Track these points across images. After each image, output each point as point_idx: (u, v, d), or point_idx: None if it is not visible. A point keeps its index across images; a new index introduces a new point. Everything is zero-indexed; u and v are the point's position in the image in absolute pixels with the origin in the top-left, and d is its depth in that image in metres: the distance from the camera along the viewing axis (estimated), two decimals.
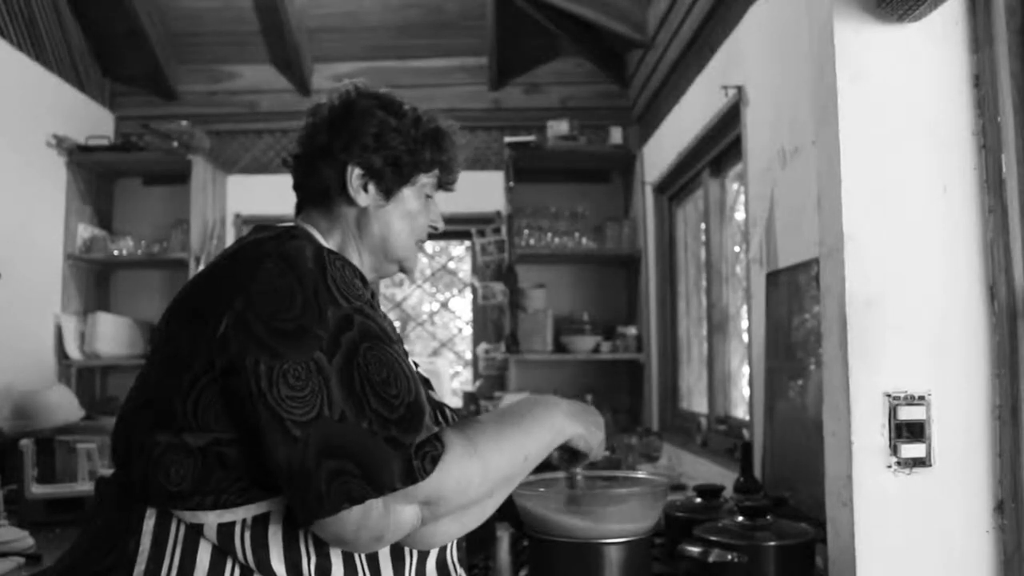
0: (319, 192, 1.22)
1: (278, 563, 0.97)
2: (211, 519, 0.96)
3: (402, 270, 1.28)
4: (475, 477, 0.99)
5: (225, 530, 0.96)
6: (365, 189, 1.20)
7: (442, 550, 1.11)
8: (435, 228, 1.30)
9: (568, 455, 1.23)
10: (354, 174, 1.19)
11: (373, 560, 1.03)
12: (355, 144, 1.19)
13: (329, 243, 1.19)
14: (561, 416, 1.15)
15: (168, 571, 0.96)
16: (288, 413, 0.91)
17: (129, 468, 1.01)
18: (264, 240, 1.04)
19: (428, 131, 1.25)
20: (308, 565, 0.98)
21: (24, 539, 2.00)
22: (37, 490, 2.35)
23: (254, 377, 0.92)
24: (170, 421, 0.97)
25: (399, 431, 0.93)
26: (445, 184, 1.31)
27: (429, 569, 1.10)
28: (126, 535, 0.98)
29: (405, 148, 1.21)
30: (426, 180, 1.26)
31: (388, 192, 1.22)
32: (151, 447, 0.97)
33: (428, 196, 1.28)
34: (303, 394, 0.92)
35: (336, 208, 1.22)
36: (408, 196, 1.24)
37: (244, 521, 0.97)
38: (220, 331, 0.95)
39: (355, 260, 1.21)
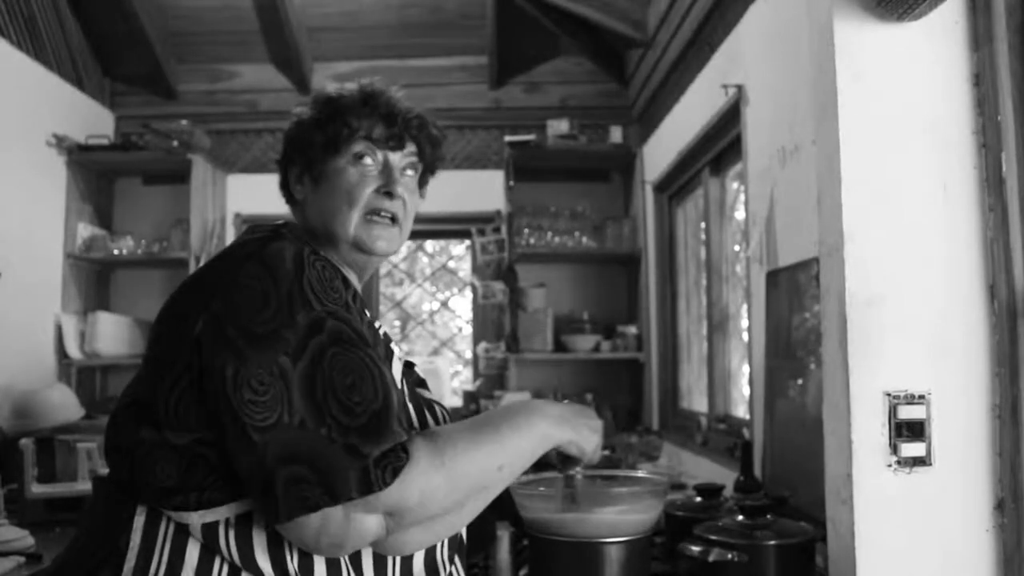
0: (287, 198, 1.25)
1: (264, 561, 0.98)
2: (195, 519, 0.97)
3: (362, 249, 1.16)
4: (440, 488, 0.97)
5: (210, 530, 0.97)
6: (302, 183, 1.20)
7: (430, 549, 1.11)
8: (389, 193, 1.16)
9: (562, 458, 1.21)
10: (293, 175, 1.21)
11: (356, 557, 1.03)
12: (284, 147, 1.23)
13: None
14: (547, 423, 1.11)
15: (157, 568, 0.97)
16: (249, 418, 0.91)
17: (119, 466, 1.02)
18: (249, 241, 1.05)
19: (345, 102, 1.18)
20: (292, 562, 0.99)
21: (24, 538, 2.00)
22: (37, 489, 2.35)
23: (220, 380, 0.93)
24: (154, 420, 0.98)
25: (359, 439, 0.92)
26: (386, 141, 1.18)
27: (416, 568, 1.09)
28: (117, 532, 0.99)
29: (311, 128, 1.18)
30: (358, 147, 1.16)
31: (316, 177, 1.17)
32: (137, 444, 0.98)
33: (365, 162, 1.16)
34: (265, 399, 0.92)
35: (299, 214, 1.22)
36: (336, 171, 1.16)
37: (228, 520, 0.97)
38: (196, 332, 0.96)
39: (331, 257, 1.17)
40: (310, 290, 0.98)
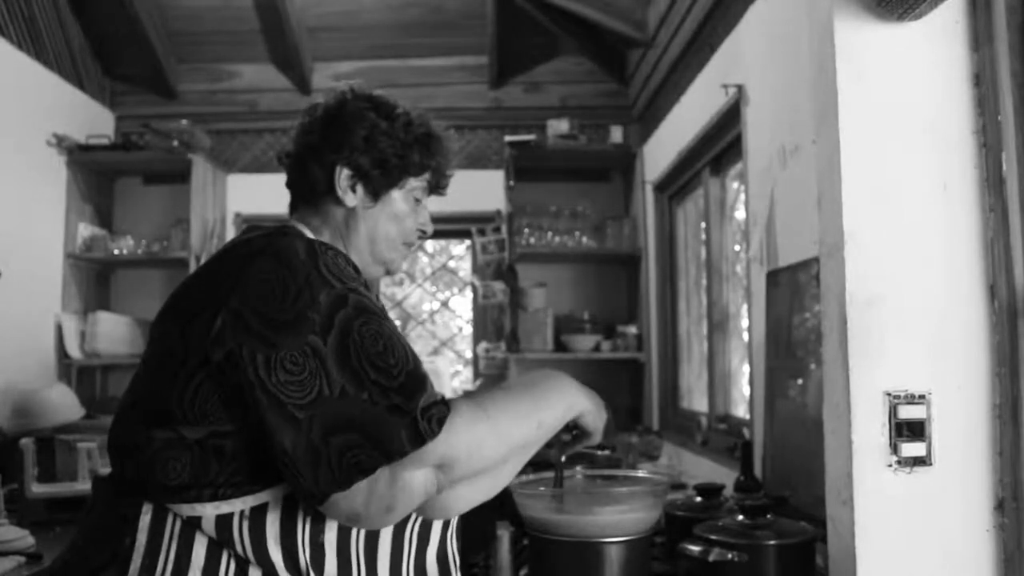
0: (309, 191, 1.24)
1: (275, 553, 0.98)
2: (209, 511, 0.97)
3: (387, 272, 1.29)
4: (487, 438, 0.99)
5: (223, 522, 0.97)
6: (353, 190, 1.22)
7: (443, 542, 1.12)
8: (424, 232, 1.31)
9: (573, 434, 1.23)
10: (342, 175, 1.21)
11: (371, 550, 1.03)
12: (344, 145, 1.21)
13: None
14: (573, 390, 1.16)
15: (164, 566, 0.97)
16: (289, 397, 0.92)
17: (125, 466, 1.01)
18: (255, 239, 1.06)
19: (419, 135, 1.25)
20: (304, 554, 0.99)
21: (24, 538, 2.00)
22: (37, 489, 2.35)
23: (252, 367, 0.93)
24: (166, 417, 0.98)
25: (401, 398, 0.94)
26: (437, 188, 1.31)
27: (429, 561, 1.10)
28: (122, 532, 0.99)
29: (393, 151, 1.23)
30: (416, 183, 1.27)
31: (376, 194, 1.23)
32: (147, 443, 0.98)
33: (417, 200, 1.29)
34: (301, 378, 0.93)
35: (325, 207, 1.24)
36: (396, 199, 1.25)
37: (242, 512, 0.98)
38: (216, 328, 0.96)
39: None
40: (328, 272, 1.00)
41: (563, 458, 1.36)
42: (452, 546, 1.14)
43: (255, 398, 0.93)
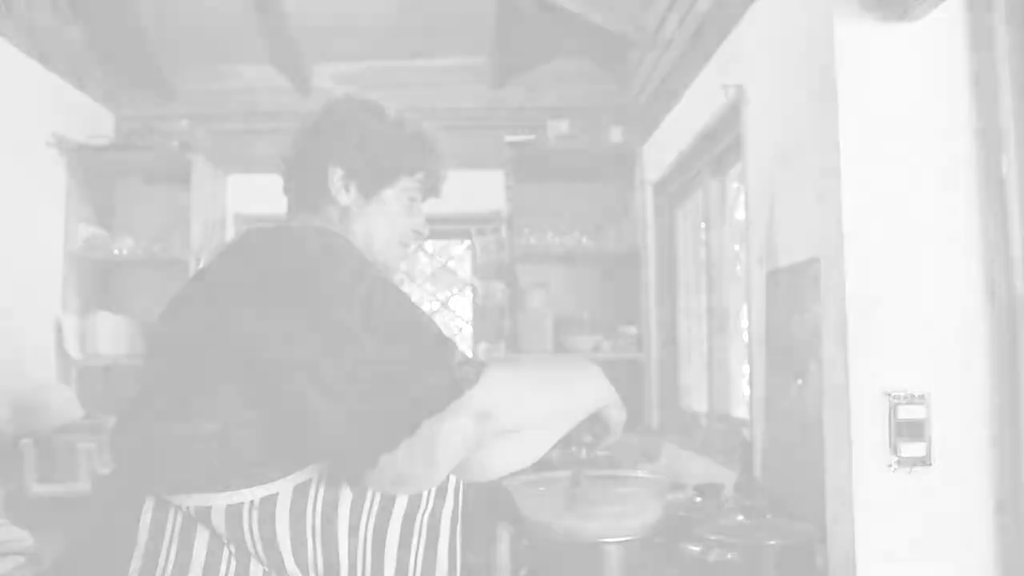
0: (304, 194, 1.27)
1: (284, 543, 0.98)
2: (220, 501, 0.97)
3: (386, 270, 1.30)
4: (524, 392, 1.01)
5: (233, 511, 0.97)
6: (347, 189, 1.24)
7: (452, 537, 1.12)
8: (419, 233, 1.32)
9: (594, 432, 1.24)
10: (336, 175, 1.23)
11: (379, 542, 1.04)
12: (337, 145, 1.24)
13: None
14: (602, 379, 1.18)
15: (164, 564, 0.97)
16: (325, 374, 0.93)
17: (132, 464, 1.02)
18: (257, 232, 1.07)
19: (410, 133, 1.27)
20: (313, 544, 1.00)
21: (24, 539, 2.00)
22: (37, 489, 2.35)
23: (284, 353, 0.95)
24: (182, 410, 0.98)
25: (433, 354, 0.96)
26: (430, 189, 1.32)
27: (440, 555, 1.11)
28: (123, 531, 0.99)
29: (385, 150, 1.25)
30: (409, 184, 1.28)
31: (368, 193, 1.25)
32: (160, 439, 0.98)
33: (412, 200, 1.30)
34: (334, 352, 0.94)
35: (321, 209, 1.25)
36: (390, 198, 1.27)
37: (252, 503, 0.98)
38: (237, 319, 0.97)
39: None
40: (341, 252, 1.02)
41: (584, 457, 1.36)
42: (458, 543, 1.14)
43: (292, 382, 0.94)
